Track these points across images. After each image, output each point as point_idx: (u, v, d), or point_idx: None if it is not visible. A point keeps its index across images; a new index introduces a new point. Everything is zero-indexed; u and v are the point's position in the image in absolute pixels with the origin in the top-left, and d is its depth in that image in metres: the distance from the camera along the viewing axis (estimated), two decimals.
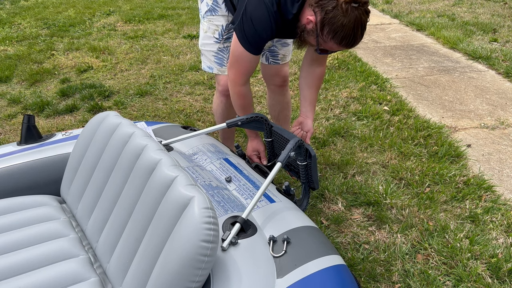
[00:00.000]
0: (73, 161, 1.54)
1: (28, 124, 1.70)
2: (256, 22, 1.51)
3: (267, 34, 1.54)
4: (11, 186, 1.55)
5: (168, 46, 4.59)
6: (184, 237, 1.03)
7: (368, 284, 1.73)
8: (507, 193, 2.27)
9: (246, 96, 1.75)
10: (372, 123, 2.92)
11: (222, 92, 2.04)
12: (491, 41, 4.57)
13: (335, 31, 1.38)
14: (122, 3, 6.69)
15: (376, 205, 2.16)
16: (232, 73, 1.69)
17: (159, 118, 3.07)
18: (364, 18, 1.38)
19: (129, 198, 1.26)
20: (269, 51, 2.05)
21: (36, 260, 1.26)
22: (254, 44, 1.57)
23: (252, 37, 1.54)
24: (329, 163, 2.50)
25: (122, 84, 3.68)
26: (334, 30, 1.37)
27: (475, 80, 3.67)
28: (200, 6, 1.95)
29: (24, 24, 5.58)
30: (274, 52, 2.04)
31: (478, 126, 2.94)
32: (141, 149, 1.30)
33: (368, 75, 3.70)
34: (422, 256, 1.87)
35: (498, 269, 1.78)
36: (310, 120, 1.81)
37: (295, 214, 1.34)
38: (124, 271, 1.19)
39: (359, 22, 1.37)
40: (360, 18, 1.36)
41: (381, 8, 6.16)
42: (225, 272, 1.09)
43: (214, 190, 1.41)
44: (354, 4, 1.34)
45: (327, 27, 1.38)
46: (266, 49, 2.05)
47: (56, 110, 3.19)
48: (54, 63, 4.16)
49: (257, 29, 1.52)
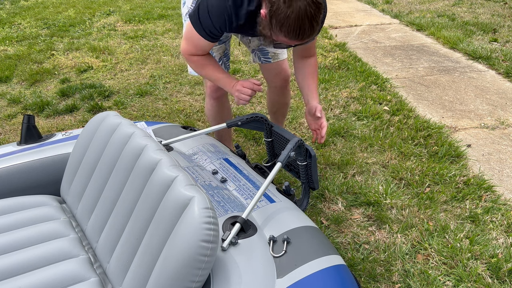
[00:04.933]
0: (73, 161, 1.54)
1: (28, 124, 1.70)
2: (212, 12, 1.51)
3: (222, 26, 1.54)
4: (11, 186, 1.55)
5: (168, 46, 4.59)
6: (184, 237, 1.03)
7: (368, 284, 1.73)
8: (507, 193, 2.27)
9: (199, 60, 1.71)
10: (372, 123, 2.92)
11: (210, 95, 2.04)
12: (491, 41, 4.57)
13: (281, 23, 1.35)
14: (122, 3, 6.69)
15: (376, 205, 2.16)
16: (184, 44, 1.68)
17: (159, 118, 3.07)
18: (310, 9, 1.33)
19: (129, 198, 1.26)
20: (259, 50, 2.03)
21: (36, 260, 1.26)
22: (209, 33, 1.57)
23: (207, 27, 1.55)
24: (329, 163, 2.50)
25: (122, 84, 3.68)
26: (279, 21, 1.35)
27: (475, 80, 3.67)
28: (182, 10, 1.95)
29: (24, 24, 5.58)
30: (263, 50, 2.03)
31: (478, 126, 2.94)
32: (141, 149, 1.30)
33: (368, 75, 3.70)
34: (422, 256, 1.87)
35: (498, 269, 1.78)
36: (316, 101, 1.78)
37: (295, 214, 1.34)
38: (124, 271, 1.19)
39: (304, 13, 1.32)
40: (305, 9, 1.32)
41: (381, 8, 6.16)
42: (225, 272, 1.09)
43: (214, 190, 1.41)
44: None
45: (273, 19, 1.36)
46: (256, 49, 2.04)
47: (56, 110, 3.19)
48: (54, 63, 4.16)
49: (212, 20, 1.52)
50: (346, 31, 5.14)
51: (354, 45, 4.61)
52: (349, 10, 6.17)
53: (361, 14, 5.92)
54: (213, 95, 2.02)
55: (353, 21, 5.53)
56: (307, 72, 1.81)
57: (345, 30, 5.19)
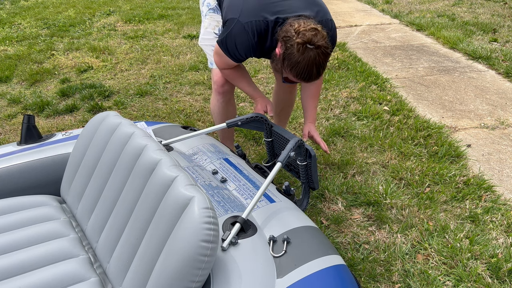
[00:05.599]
0: (73, 161, 1.54)
1: (28, 124, 1.70)
2: (238, 45, 1.69)
3: (246, 55, 1.74)
4: (11, 186, 1.55)
5: (168, 46, 4.59)
6: (184, 237, 1.03)
7: (368, 284, 1.73)
8: (507, 193, 2.27)
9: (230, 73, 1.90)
10: (372, 123, 2.92)
11: (216, 90, 2.06)
12: (491, 41, 4.57)
13: (292, 66, 1.52)
14: (122, 3, 6.69)
15: (376, 205, 2.16)
16: (216, 58, 1.87)
17: (159, 118, 3.07)
18: (319, 59, 1.50)
19: (129, 198, 1.26)
20: None
21: (36, 260, 1.26)
22: (236, 58, 1.76)
23: (234, 54, 1.74)
24: (329, 163, 2.50)
25: (122, 84, 3.68)
26: (290, 64, 1.53)
27: (475, 80, 3.67)
28: (202, 9, 2.06)
29: (24, 24, 5.58)
30: None
31: (478, 126, 2.94)
32: (141, 149, 1.30)
33: (368, 75, 3.70)
34: (422, 256, 1.87)
35: (498, 269, 1.78)
36: (310, 123, 1.95)
37: (295, 214, 1.34)
38: (124, 271, 1.19)
39: (314, 62, 1.50)
40: (315, 58, 1.49)
41: (381, 8, 6.16)
42: (225, 272, 1.09)
43: (214, 190, 1.41)
44: (309, 45, 1.48)
45: (286, 60, 1.53)
46: None
47: (56, 110, 3.19)
48: (54, 63, 4.16)
49: (238, 49, 1.71)
50: (346, 31, 5.14)
51: (354, 45, 4.61)
52: (349, 10, 6.17)
53: (361, 14, 5.92)
54: (219, 90, 2.04)
55: (353, 21, 5.53)
56: (310, 93, 1.97)
57: (345, 30, 5.19)
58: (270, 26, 1.64)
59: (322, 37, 1.49)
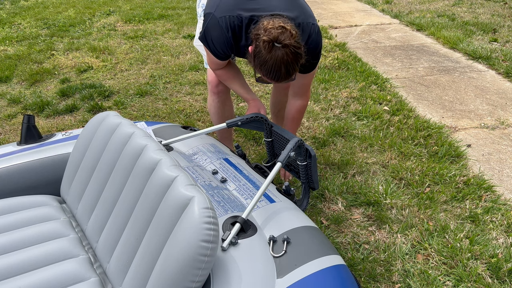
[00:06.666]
0: (73, 161, 1.54)
1: (28, 124, 1.70)
2: (215, 40, 1.67)
3: (224, 51, 1.70)
4: (11, 186, 1.55)
5: (168, 46, 4.59)
6: (184, 237, 1.03)
7: (368, 284, 1.73)
8: (507, 193, 2.27)
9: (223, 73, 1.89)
10: (372, 123, 2.92)
11: (211, 90, 2.08)
12: (491, 41, 4.57)
13: (260, 64, 1.50)
14: (122, 3, 6.69)
15: (376, 205, 2.16)
16: (208, 59, 1.85)
17: (159, 118, 3.07)
18: (287, 58, 1.46)
19: (129, 198, 1.26)
20: None
21: (36, 260, 1.26)
22: (215, 53, 1.73)
23: (213, 49, 1.72)
24: (329, 163, 2.50)
25: (122, 84, 3.68)
26: (260, 63, 1.50)
27: (475, 80, 3.67)
28: (198, 10, 2.06)
29: (24, 24, 5.58)
30: None
31: (478, 126, 2.94)
32: (141, 149, 1.30)
33: (368, 75, 3.70)
34: (422, 256, 1.87)
35: (498, 269, 1.78)
36: None
37: (295, 214, 1.34)
38: (124, 271, 1.19)
39: (281, 61, 1.46)
40: (283, 57, 1.45)
41: (381, 8, 6.16)
42: (225, 272, 1.09)
43: (214, 190, 1.41)
44: (276, 43, 1.44)
45: (256, 59, 1.51)
46: None
47: (56, 110, 3.19)
48: (54, 63, 4.16)
49: (215, 44, 1.69)
50: (346, 31, 5.14)
51: (354, 45, 4.61)
52: (349, 10, 6.17)
53: (361, 14, 5.92)
54: (213, 90, 2.05)
55: (353, 21, 5.53)
56: (291, 117, 2.01)
57: (345, 30, 5.19)
58: (244, 23, 1.60)
59: (290, 35, 1.44)
